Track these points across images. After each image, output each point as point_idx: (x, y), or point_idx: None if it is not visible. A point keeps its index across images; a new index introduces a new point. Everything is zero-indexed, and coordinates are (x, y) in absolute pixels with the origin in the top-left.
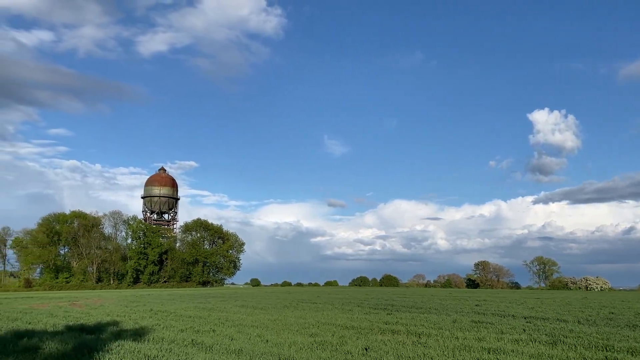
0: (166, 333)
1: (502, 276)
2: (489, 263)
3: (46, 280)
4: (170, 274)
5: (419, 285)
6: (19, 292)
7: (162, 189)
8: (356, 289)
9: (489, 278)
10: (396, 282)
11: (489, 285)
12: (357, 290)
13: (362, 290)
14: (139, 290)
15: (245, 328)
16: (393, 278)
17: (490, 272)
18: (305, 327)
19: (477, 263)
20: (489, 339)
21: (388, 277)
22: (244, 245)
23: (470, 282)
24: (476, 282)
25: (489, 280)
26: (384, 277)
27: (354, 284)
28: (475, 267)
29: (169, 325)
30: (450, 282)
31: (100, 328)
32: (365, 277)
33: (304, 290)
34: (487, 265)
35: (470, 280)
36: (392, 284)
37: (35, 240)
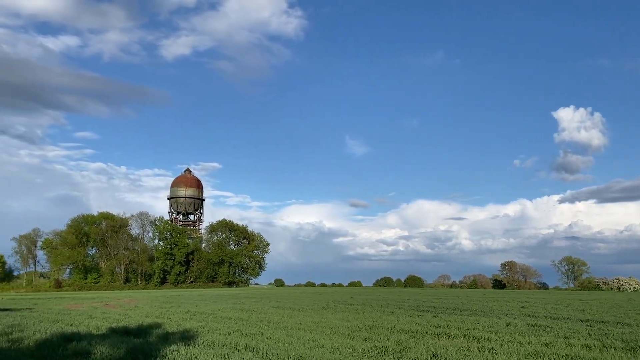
0: (214, 336)
1: (529, 276)
2: (516, 263)
3: (75, 281)
4: (197, 274)
5: (444, 285)
6: (50, 292)
7: (188, 190)
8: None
9: (515, 278)
10: (421, 282)
11: (516, 286)
12: (388, 291)
13: (393, 291)
14: (167, 291)
15: (294, 331)
16: (417, 279)
17: (517, 273)
18: (355, 331)
19: (504, 263)
20: (557, 345)
21: (412, 277)
22: (268, 245)
23: (497, 282)
24: (503, 283)
25: (515, 281)
26: (408, 278)
27: (378, 284)
28: (502, 267)
29: (214, 328)
30: (476, 283)
31: (144, 330)
32: (390, 278)
33: (332, 291)
34: (514, 265)
35: (497, 281)
36: (417, 285)
37: (65, 241)
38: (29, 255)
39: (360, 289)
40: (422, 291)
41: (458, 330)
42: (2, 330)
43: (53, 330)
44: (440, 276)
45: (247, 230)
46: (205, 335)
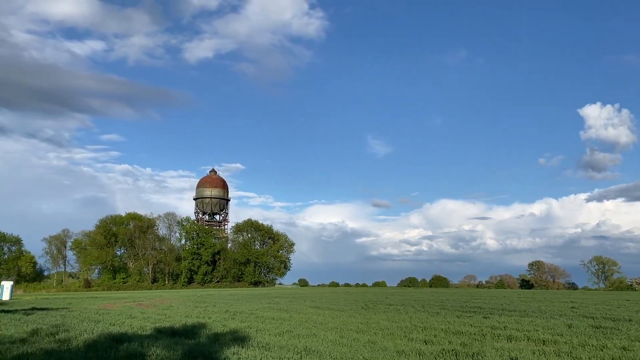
0: (265, 337)
1: (557, 276)
2: (544, 263)
3: (104, 281)
4: (223, 274)
5: (470, 286)
6: (80, 292)
7: (213, 190)
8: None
9: (543, 279)
10: (446, 283)
11: (544, 286)
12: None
13: (424, 291)
14: (196, 290)
15: (346, 332)
16: (443, 279)
17: (545, 273)
18: (408, 332)
19: (532, 263)
20: (636, 349)
21: (438, 277)
22: (293, 245)
23: (524, 282)
24: (530, 283)
25: (543, 281)
26: (433, 278)
27: (402, 284)
28: (530, 267)
29: (262, 329)
30: (503, 283)
31: (191, 331)
32: (414, 278)
33: (362, 291)
34: (542, 265)
35: (524, 281)
36: (442, 285)
37: (94, 241)
38: (59, 256)
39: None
40: (455, 291)
41: (518, 332)
42: (48, 330)
43: (99, 330)
44: (465, 276)
45: (272, 230)
46: (256, 336)
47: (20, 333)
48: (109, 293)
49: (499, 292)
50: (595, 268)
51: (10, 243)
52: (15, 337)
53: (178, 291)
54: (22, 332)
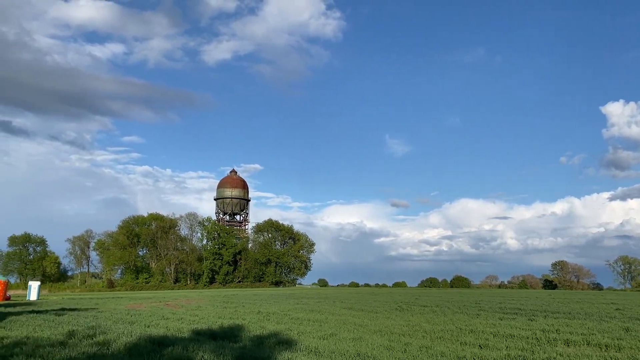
0: (310, 340)
1: (582, 277)
2: (568, 263)
3: (127, 281)
4: (244, 274)
5: (492, 286)
6: (104, 292)
7: (234, 190)
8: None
9: (567, 279)
10: (467, 283)
11: (568, 287)
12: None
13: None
14: (219, 290)
15: (392, 336)
16: (464, 279)
17: (569, 273)
18: (456, 335)
19: (555, 263)
20: None
21: (459, 278)
22: (314, 245)
23: (547, 282)
24: (554, 283)
25: (567, 281)
26: (454, 278)
27: (423, 285)
28: (553, 267)
29: (302, 331)
30: (526, 283)
31: (230, 334)
32: (435, 279)
33: (387, 292)
34: (566, 265)
35: (547, 281)
36: (463, 285)
37: (117, 242)
38: (83, 256)
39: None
40: (483, 292)
41: (574, 336)
42: (84, 332)
43: (137, 332)
44: (487, 277)
45: (293, 230)
46: (300, 340)
47: (57, 335)
48: (133, 293)
49: (529, 292)
50: (621, 268)
51: (36, 244)
52: (53, 339)
53: (201, 291)
54: (58, 334)
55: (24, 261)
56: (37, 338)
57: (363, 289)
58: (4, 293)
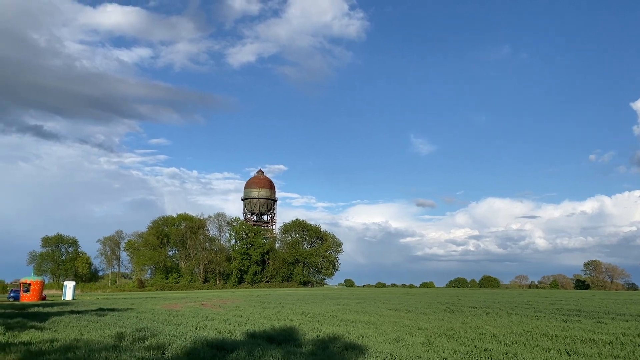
0: (379, 345)
1: (616, 277)
2: (601, 263)
3: (157, 281)
4: (272, 274)
5: (522, 286)
6: (135, 292)
7: (261, 190)
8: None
9: (600, 279)
10: (497, 283)
11: (601, 287)
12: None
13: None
14: (250, 290)
15: (465, 340)
16: (493, 279)
17: (602, 273)
18: (531, 340)
19: (587, 263)
20: None
21: (488, 278)
22: (341, 245)
23: (580, 283)
24: (586, 283)
25: (600, 281)
26: (483, 279)
27: (451, 285)
28: (585, 267)
29: (362, 334)
30: (557, 283)
31: (288, 337)
32: (463, 279)
33: (421, 292)
34: (599, 265)
35: (580, 281)
36: (493, 285)
37: (146, 242)
38: (113, 257)
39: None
40: (523, 292)
41: None
42: (133, 334)
43: (190, 335)
44: (517, 277)
45: (320, 230)
46: (367, 344)
47: (106, 338)
48: (165, 293)
49: (570, 293)
50: None
51: (68, 244)
52: (104, 343)
53: (233, 291)
54: (106, 336)
55: (57, 262)
56: (87, 341)
57: (393, 289)
58: (40, 292)
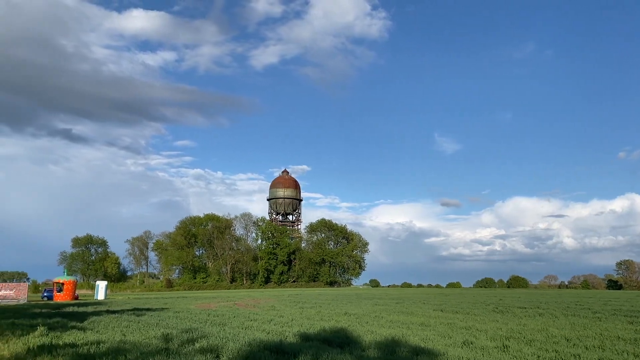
0: (448, 349)
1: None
2: (634, 262)
3: (185, 281)
4: (299, 273)
5: (551, 286)
6: (163, 292)
7: (286, 190)
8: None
9: (634, 279)
10: (525, 283)
11: (635, 287)
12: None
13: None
14: (280, 290)
15: (537, 343)
16: (521, 279)
17: (635, 272)
18: (609, 345)
19: (620, 262)
20: None
21: (516, 278)
22: (367, 245)
23: (612, 283)
24: (619, 284)
25: (634, 281)
26: (511, 279)
27: (478, 285)
28: (618, 266)
29: (424, 337)
30: (588, 283)
31: (345, 339)
32: (491, 279)
33: (457, 292)
34: (632, 264)
35: (612, 281)
36: (521, 286)
37: (174, 242)
38: (141, 257)
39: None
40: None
41: None
42: (180, 336)
43: (243, 338)
44: (546, 276)
45: (346, 229)
46: (436, 349)
47: (152, 339)
48: (194, 293)
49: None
50: None
51: (97, 245)
52: (151, 345)
53: (262, 291)
54: (152, 337)
55: (87, 262)
56: (135, 343)
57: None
58: (73, 292)
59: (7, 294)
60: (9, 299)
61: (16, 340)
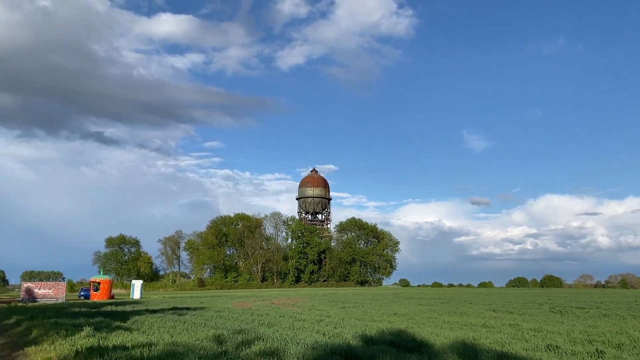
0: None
1: None
2: None
3: (216, 280)
4: (329, 273)
5: (587, 286)
6: (195, 291)
7: (315, 189)
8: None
9: None
10: (559, 282)
11: None
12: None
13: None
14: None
15: (624, 347)
16: (556, 279)
17: None
18: None
19: None
20: None
21: (550, 277)
22: (398, 244)
23: None
24: None
25: None
26: (545, 278)
27: (511, 284)
28: None
29: (498, 341)
30: (626, 283)
31: (412, 343)
32: (524, 278)
33: (496, 292)
34: None
35: None
36: (555, 285)
37: (206, 241)
38: (173, 256)
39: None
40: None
41: None
42: (234, 338)
43: (301, 339)
44: (581, 276)
45: (377, 228)
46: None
47: (202, 341)
48: (226, 292)
49: None
50: None
51: (130, 245)
52: (205, 347)
53: (295, 290)
54: (202, 339)
55: (120, 261)
56: (187, 345)
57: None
58: (109, 291)
59: (46, 292)
60: (48, 298)
61: (62, 342)
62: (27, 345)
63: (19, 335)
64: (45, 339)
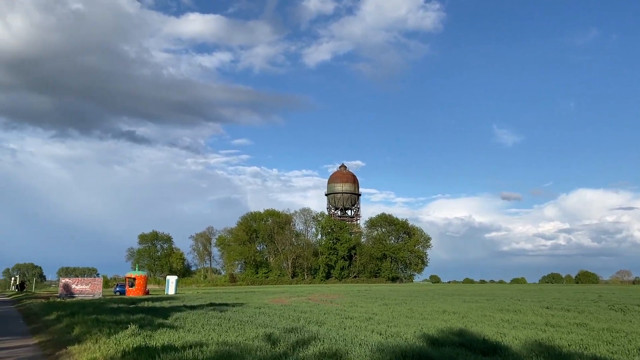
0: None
1: None
2: None
3: (247, 276)
4: (360, 269)
5: (624, 282)
6: (227, 287)
7: (344, 185)
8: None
9: None
10: (595, 279)
11: None
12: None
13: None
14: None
15: None
16: (591, 274)
17: None
18: None
19: None
20: None
21: (585, 273)
22: (430, 240)
23: None
24: None
25: None
26: (580, 274)
27: (544, 281)
28: None
29: (578, 342)
30: None
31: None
32: (558, 274)
33: (537, 289)
34: None
35: None
36: (591, 281)
37: (236, 237)
38: (205, 252)
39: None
40: None
41: None
42: (286, 337)
43: (361, 339)
44: (618, 272)
45: (408, 224)
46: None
47: (253, 340)
48: (259, 287)
49: None
50: None
51: (163, 241)
52: (260, 348)
53: (327, 286)
54: (252, 338)
55: (153, 257)
56: (239, 346)
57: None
58: (144, 287)
59: (84, 288)
60: (85, 294)
61: (106, 340)
62: (70, 343)
63: (61, 332)
64: (88, 337)
